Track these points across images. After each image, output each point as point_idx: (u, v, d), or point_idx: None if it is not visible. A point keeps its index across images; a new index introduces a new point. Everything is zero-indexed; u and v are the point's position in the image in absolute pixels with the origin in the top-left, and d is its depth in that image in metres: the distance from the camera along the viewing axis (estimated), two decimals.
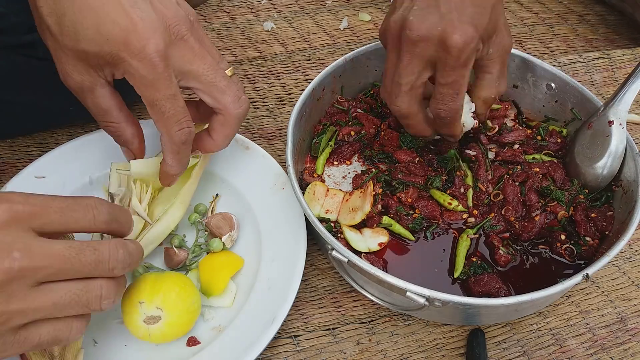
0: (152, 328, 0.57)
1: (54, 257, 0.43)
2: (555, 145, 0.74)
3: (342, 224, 0.67)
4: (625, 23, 1.06)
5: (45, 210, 0.44)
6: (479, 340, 0.65)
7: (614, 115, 0.68)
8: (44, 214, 0.44)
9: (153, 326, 0.57)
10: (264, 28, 1.00)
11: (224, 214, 0.69)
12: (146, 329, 0.57)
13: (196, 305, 0.61)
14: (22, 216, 0.43)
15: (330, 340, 0.66)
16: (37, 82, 0.71)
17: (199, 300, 0.62)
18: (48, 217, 0.44)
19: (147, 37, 0.51)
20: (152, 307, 0.57)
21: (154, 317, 0.57)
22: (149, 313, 0.57)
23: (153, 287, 0.58)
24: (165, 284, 0.58)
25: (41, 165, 0.71)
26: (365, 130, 0.76)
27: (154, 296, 0.57)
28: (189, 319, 0.60)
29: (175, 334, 0.60)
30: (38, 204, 0.44)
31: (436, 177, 0.70)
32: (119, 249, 0.48)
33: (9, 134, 0.82)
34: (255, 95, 0.90)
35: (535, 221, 0.66)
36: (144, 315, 0.57)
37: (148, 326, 0.57)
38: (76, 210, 0.46)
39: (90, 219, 0.47)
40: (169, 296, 0.58)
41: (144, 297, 0.57)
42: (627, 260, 0.74)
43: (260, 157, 0.73)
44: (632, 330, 0.68)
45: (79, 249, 0.45)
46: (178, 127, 0.56)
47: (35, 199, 0.44)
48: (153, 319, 0.57)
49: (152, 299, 0.57)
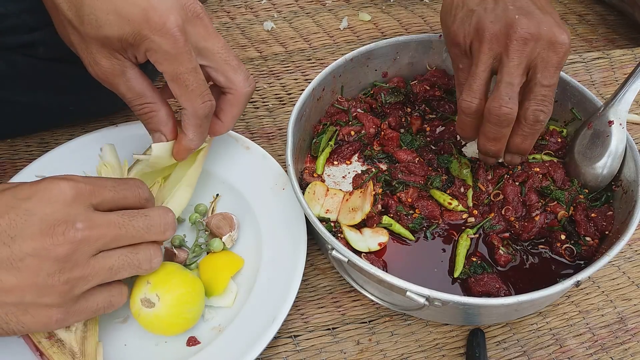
0: (143, 310, 0.57)
1: (111, 225, 0.50)
2: (555, 145, 0.74)
3: (342, 223, 0.67)
4: (625, 23, 1.06)
5: (103, 188, 0.51)
6: (479, 340, 0.65)
7: (614, 115, 0.68)
8: (102, 192, 0.51)
9: (145, 309, 0.57)
10: (264, 28, 1.00)
11: (224, 214, 0.70)
12: (139, 308, 0.58)
13: (193, 315, 0.60)
14: (84, 193, 0.49)
15: (330, 340, 0.66)
16: (37, 82, 0.71)
17: (199, 310, 0.61)
18: (105, 194, 0.51)
19: (166, 14, 0.53)
20: (152, 293, 0.57)
21: (149, 302, 0.57)
22: (147, 295, 0.57)
23: (166, 276, 0.58)
24: (176, 279, 0.59)
25: (41, 165, 0.71)
26: (365, 130, 0.76)
27: (160, 284, 0.57)
28: (179, 323, 0.60)
29: (161, 330, 0.60)
30: (96, 183, 0.51)
31: (436, 177, 0.70)
32: (168, 213, 0.55)
33: (9, 133, 0.82)
34: (256, 95, 0.90)
35: (535, 221, 0.66)
36: (143, 294, 0.57)
37: (141, 306, 0.57)
38: (125, 188, 0.53)
39: (136, 195, 0.54)
40: (170, 292, 0.58)
41: (153, 280, 0.58)
42: (627, 260, 0.74)
43: (260, 157, 0.73)
44: (632, 330, 0.68)
45: (132, 216, 0.52)
46: (201, 100, 0.58)
47: (93, 179, 0.51)
48: (148, 303, 0.57)
49: (157, 285, 0.57)
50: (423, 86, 0.78)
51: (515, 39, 0.58)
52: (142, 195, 0.55)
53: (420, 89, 0.78)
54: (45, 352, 0.54)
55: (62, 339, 0.55)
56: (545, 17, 0.59)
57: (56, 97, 0.74)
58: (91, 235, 0.48)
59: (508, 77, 0.59)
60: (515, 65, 0.58)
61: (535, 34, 0.58)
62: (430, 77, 0.80)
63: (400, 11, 1.04)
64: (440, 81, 0.79)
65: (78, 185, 0.49)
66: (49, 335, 0.54)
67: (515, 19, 0.58)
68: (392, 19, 1.02)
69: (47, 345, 0.54)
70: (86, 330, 0.56)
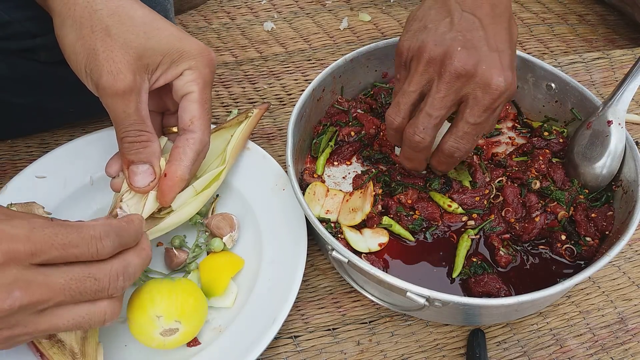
0: (168, 339, 0.57)
1: (54, 290, 0.44)
2: (557, 145, 0.74)
3: (342, 224, 0.67)
4: (625, 23, 1.06)
5: (47, 248, 0.44)
6: (479, 340, 0.65)
7: (612, 115, 0.68)
8: (45, 252, 0.44)
9: (169, 337, 0.57)
10: (264, 28, 1.00)
11: (224, 215, 0.70)
12: (162, 340, 0.57)
13: (205, 311, 0.61)
14: (21, 256, 0.42)
15: (330, 341, 0.66)
16: (38, 84, 0.71)
17: (206, 305, 0.62)
18: (49, 254, 0.44)
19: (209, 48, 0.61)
20: (171, 321, 0.57)
21: (172, 330, 0.57)
22: (167, 326, 0.57)
23: (169, 299, 0.57)
24: (182, 295, 0.58)
25: (41, 166, 0.71)
26: (365, 130, 0.76)
27: (171, 309, 0.57)
28: (200, 324, 0.61)
29: (187, 340, 0.60)
30: (39, 242, 0.43)
31: (435, 179, 0.70)
32: (119, 276, 0.48)
33: (10, 134, 0.82)
34: (256, 96, 0.90)
35: (535, 222, 0.66)
36: (161, 328, 0.56)
37: (164, 337, 0.57)
38: (79, 246, 0.46)
39: (92, 253, 0.47)
40: (186, 308, 0.57)
41: (161, 312, 0.56)
42: (627, 260, 0.74)
43: (260, 158, 0.73)
44: (633, 331, 0.68)
45: (80, 280, 0.45)
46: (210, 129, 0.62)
47: (39, 235, 0.44)
48: (171, 332, 0.57)
49: (170, 313, 0.56)
50: None
51: (448, 71, 0.56)
52: (102, 252, 0.47)
53: None
54: (45, 352, 0.54)
55: (62, 340, 0.54)
56: (491, 55, 0.57)
57: (57, 98, 0.74)
58: (31, 301, 0.43)
59: (430, 109, 0.58)
60: (440, 98, 0.57)
61: (470, 72, 0.56)
62: None
63: (400, 11, 1.04)
64: None
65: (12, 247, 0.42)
66: (49, 336, 0.54)
67: (456, 51, 0.56)
68: (392, 19, 1.02)
69: (48, 346, 0.54)
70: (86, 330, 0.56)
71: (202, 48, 0.59)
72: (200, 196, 0.65)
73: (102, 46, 0.54)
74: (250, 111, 0.73)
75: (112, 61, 0.54)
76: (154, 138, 0.59)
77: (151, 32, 0.56)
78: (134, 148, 0.58)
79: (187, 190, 0.63)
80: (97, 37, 0.54)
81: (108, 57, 0.54)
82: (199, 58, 0.59)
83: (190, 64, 0.59)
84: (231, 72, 0.93)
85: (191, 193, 0.64)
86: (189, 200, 0.63)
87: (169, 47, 0.57)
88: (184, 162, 0.59)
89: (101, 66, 0.54)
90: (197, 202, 0.64)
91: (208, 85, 0.60)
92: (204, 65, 0.59)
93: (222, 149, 0.70)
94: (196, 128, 0.59)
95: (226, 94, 0.90)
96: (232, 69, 0.94)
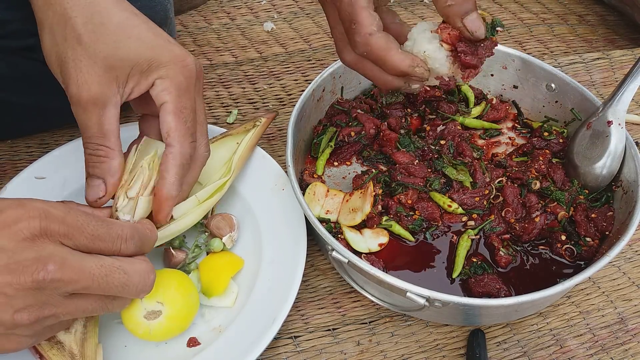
0: (152, 324, 0.57)
1: (85, 274, 0.46)
2: (557, 145, 0.74)
3: (342, 224, 0.67)
4: (625, 23, 1.06)
5: (78, 234, 0.47)
6: (480, 340, 0.65)
7: (612, 115, 0.68)
8: (76, 237, 0.47)
9: (154, 321, 0.57)
10: (264, 29, 1.00)
11: (224, 215, 0.69)
12: (147, 326, 0.57)
13: (194, 300, 0.61)
14: (55, 235, 0.45)
15: (330, 341, 0.66)
16: (38, 84, 0.71)
17: (196, 295, 0.62)
18: (78, 241, 0.47)
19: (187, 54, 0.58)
20: (152, 302, 0.57)
21: (154, 312, 0.57)
22: (149, 308, 0.57)
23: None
24: (164, 279, 0.58)
25: (41, 166, 0.71)
26: (365, 131, 0.76)
27: (154, 290, 0.57)
28: (188, 312, 0.60)
29: (175, 330, 0.60)
30: (73, 226, 0.46)
31: (435, 179, 0.70)
32: (149, 275, 0.52)
33: (10, 134, 0.82)
34: (256, 96, 0.90)
35: (535, 222, 0.66)
36: (144, 310, 0.57)
37: (149, 322, 0.57)
38: (105, 240, 0.49)
39: (115, 250, 0.50)
40: (168, 290, 0.58)
41: None
42: (627, 260, 0.74)
43: (260, 158, 0.73)
44: (633, 331, 0.68)
45: (110, 270, 0.48)
46: (191, 139, 0.58)
47: (73, 219, 0.47)
48: (154, 314, 0.57)
49: (152, 294, 0.57)
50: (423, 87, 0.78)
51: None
52: (125, 251, 0.50)
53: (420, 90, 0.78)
54: (44, 354, 0.54)
55: (61, 341, 0.54)
56: None
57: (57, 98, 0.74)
58: (62, 278, 0.45)
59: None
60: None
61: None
62: None
63: (400, 12, 1.04)
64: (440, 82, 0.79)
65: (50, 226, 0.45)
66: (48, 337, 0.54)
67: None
68: None
69: (47, 347, 0.54)
70: (86, 332, 0.56)
71: (175, 55, 0.56)
72: (203, 205, 0.65)
73: (72, 55, 0.53)
74: (258, 120, 0.72)
75: (79, 71, 0.53)
76: (114, 155, 0.56)
77: (122, 41, 0.54)
78: (91, 161, 0.57)
79: (190, 200, 0.63)
80: (68, 46, 0.53)
81: (76, 66, 0.53)
82: (170, 66, 0.56)
83: (160, 73, 0.56)
84: (231, 72, 0.93)
85: (194, 202, 0.63)
86: (191, 210, 0.63)
87: (137, 57, 0.54)
88: (167, 180, 0.57)
89: (70, 75, 0.53)
90: (199, 210, 0.64)
91: (184, 93, 0.57)
92: (176, 72, 0.56)
93: (228, 158, 0.70)
94: (173, 141, 0.56)
95: (226, 94, 0.90)
96: (232, 69, 0.94)
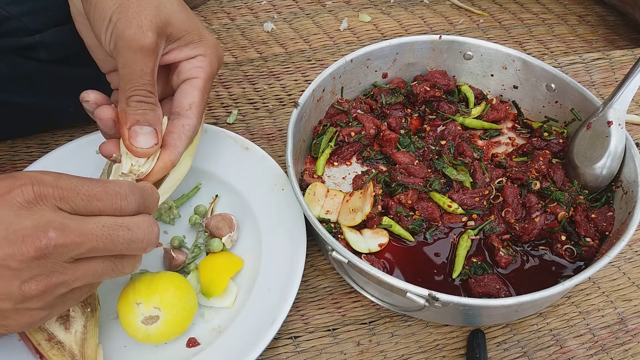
0: (150, 328, 0.57)
1: (88, 236, 0.45)
2: (557, 145, 0.74)
3: (342, 224, 0.67)
4: (625, 24, 1.06)
5: (73, 196, 0.45)
6: (479, 340, 0.65)
7: (612, 115, 0.68)
8: (71, 199, 0.45)
9: (152, 326, 0.57)
10: (264, 29, 1.00)
11: (223, 215, 0.69)
12: (145, 330, 0.57)
13: (192, 303, 0.61)
14: (50, 199, 0.44)
15: (330, 341, 0.66)
16: (37, 84, 0.71)
17: (195, 298, 0.62)
18: (75, 203, 0.45)
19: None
20: (150, 307, 0.57)
21: (152, 317, 0.57)
22: (147, 313, 0.57)
23: (149, 287, 0.58)
24: (161, 284, 0.59)
25: (41, 166, 0.71)
26: (365, 131, 0.76)
27: (151, 296, 0.57)
28: (186, 316, 0.60)
29: (174, 333, 0.60)
30: (66, 188, 0.45)
31: (435, 180, 0.70)
32: (153, 227, 0.50)
33: (10, 135, 0.82)
34: (256, 96, 0.90)
35: (535, 222, 0.66)
36: (142, 316, 0.57)
37: (147, 327, 0.57)
38: (103, 199, 0.47)
39: (116, 208, 0.47)
40: (165, 295, 0.58)
41: (141, 298, 0.57)
42: (627, 260, 0.74)
43: (260, 158, 0.73)
44: (633, 331, 0.68)
45: (113, 229, 0.46)
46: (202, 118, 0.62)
47: (65, 182, 0.45)
48: (151, 319, 0.57)
49: (149, 299, 0.57)
50: (423, 87, 0.78)
51: None
52: (126, 209, 0.48)
53: (420, 90, 0.78)
54: (45, 354, 0.54)
55: (61, 341, 0.55)
56: None
57: (56, 98, 0.74)
58: (65, 244, 0.44)
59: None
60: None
61: None
62: (430, 77, 0.80)
63: (400, 12, 1.04)
64: (441, 82, 0.79)
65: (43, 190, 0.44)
66: (48, 337, 0.54)
67: None
68: (392, 20, 1.02)
69: (47, 348, 0.54)
70: (86, 332, 0.56)
71: (215, 42, 0.62)
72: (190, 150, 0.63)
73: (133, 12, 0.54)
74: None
75: (142, 17, 0.54)
76: (160, 106, 0.57)
77: (183, 7, 0.59)
78: (142, 107, 0.55)
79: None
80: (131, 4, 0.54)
81: (140, 12, 0.54)
82: (213, 50, 0.61)
83: (205, 52, 0.60)
84: (231, 72, 0.93)
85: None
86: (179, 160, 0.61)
87: (194, 27, 0.59)
88: (178, 149, 0.58)
89: (131, 18, 0.54)
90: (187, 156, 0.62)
91: (211, 77, 0.62)
92: (215, 58, 0.61)
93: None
94: (193, 114, 0.59)
95: (226, 94, 0.90)
96: (232, 69, 0.93)
